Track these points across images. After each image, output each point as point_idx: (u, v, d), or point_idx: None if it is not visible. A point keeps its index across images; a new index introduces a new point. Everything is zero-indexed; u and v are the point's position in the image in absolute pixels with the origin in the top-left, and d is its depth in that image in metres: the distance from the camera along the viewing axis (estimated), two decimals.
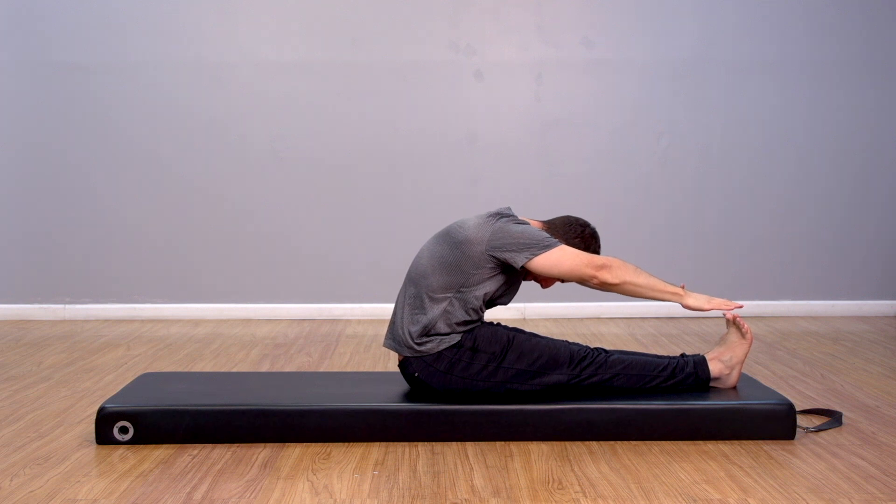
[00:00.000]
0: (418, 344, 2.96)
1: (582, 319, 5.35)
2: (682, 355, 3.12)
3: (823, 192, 5.44)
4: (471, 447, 2.85)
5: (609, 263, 2.92)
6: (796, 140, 5.41)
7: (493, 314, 5.10)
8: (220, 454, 2.79)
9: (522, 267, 2.92)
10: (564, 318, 5.37)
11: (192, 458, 2.76)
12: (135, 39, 5.28)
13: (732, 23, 5.35)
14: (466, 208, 5.32)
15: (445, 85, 5.36)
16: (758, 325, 5.08)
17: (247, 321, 5.32)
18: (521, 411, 2.91)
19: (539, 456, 2.77)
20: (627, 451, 2.81)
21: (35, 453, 2.83)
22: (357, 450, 2.83)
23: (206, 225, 5.37)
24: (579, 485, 2.54)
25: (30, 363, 4.16)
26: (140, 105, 5.31)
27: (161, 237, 5.37)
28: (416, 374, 2.99)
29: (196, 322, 5.28)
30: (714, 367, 3.08)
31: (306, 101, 5.34)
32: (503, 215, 3.00)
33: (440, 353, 2.96)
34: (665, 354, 3.14)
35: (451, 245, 2.96)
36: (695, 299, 2.98)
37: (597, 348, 3.08)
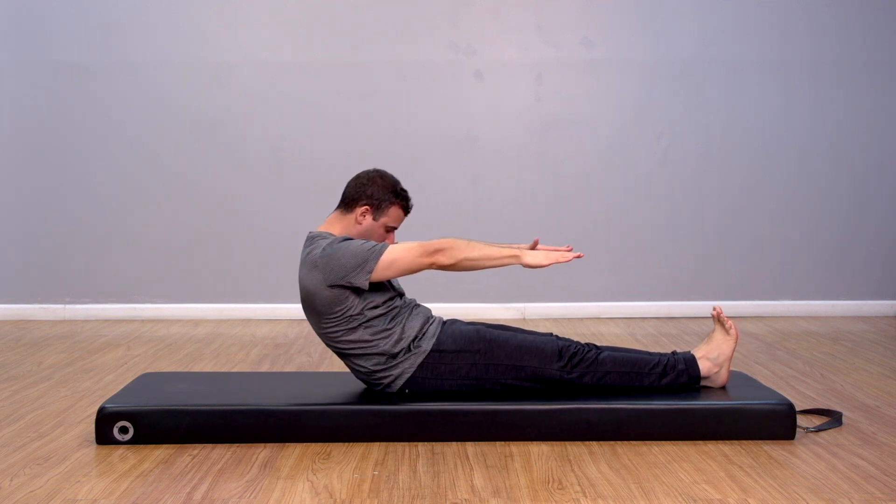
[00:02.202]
0: (393, 368, 2.97)
1: (582, 319, 5.35)
2: (674, 353, 3.12)
3: (823, 192, 5.44)
4: (471, 447, 2.85)
5: (441, 246, 2.89)
6: (796, 140, 5.41)
7: (492, 315, 5.11)
8: (220, 454, 2.79)
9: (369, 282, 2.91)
10: (564, 318, 5.37)
11: (192, 458, 2.76)
12: (135, 39, 5.28)
13: (732, 23, 5.35)
14: (466, 208, 5.35)
15: (445, 85, 5.35)
16: (758, 325, 5.08)
17: (247, 321, 5.31)
18: (521, 411, 2.91)
19: (539, 456, 2.77)
20: (627, 452, 2.81)
21: (35, 453, 2.83)
22: (357, 450, 2.83)
23: (206, 225, 5.37)
24: (579, 485, 2.54)
25: (30, 363, 4.16)
26: (140, 105, 5.31)
27: (161, 237, 5.37)
28: (407, 391, 3.01)
29: (196, 322, 5.28)
30: (702, 366, 3.07)
31: (306, 101, 5.34)
32: (314, 246, 2.97)
33: (421, 364, 2.97)
34: (656, 352, 3.15)
35: (309, 302, 2.98)
36: (532, 257, 2.93)
37: (588, 344, 3.07)
